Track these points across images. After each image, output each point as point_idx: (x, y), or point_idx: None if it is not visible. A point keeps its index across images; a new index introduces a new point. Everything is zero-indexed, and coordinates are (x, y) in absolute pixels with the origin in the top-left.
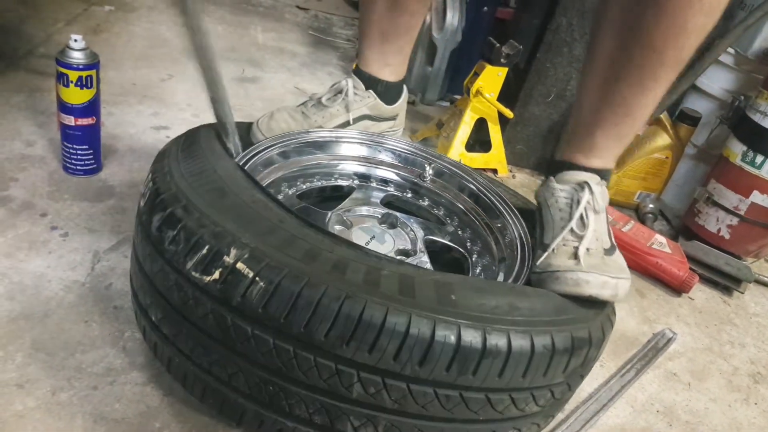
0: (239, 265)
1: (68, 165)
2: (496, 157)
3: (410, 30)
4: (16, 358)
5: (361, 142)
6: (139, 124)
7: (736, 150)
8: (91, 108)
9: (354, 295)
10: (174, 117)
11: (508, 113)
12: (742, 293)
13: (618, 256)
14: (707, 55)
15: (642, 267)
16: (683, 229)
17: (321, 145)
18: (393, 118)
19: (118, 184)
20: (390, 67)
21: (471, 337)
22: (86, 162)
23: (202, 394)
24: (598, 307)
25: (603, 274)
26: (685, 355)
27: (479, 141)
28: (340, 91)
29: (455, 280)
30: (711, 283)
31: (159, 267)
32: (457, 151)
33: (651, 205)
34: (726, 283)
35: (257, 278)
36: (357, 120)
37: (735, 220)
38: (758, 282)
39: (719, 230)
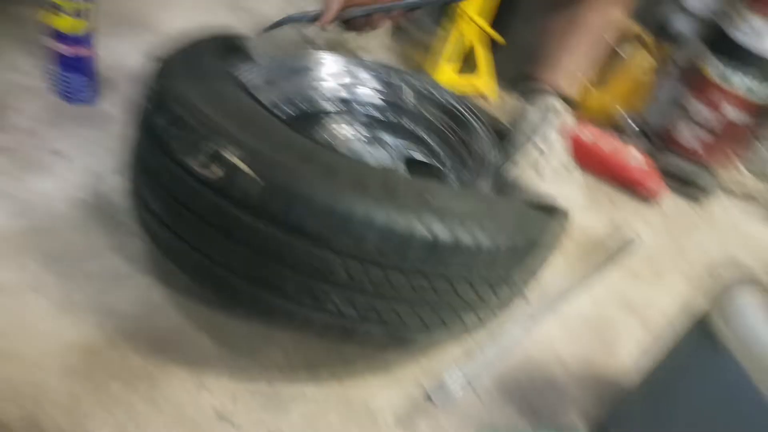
0: (238, 162)
1: (67, 94)
2: (483, 81)
3: None
4: (30, 266)
5: (344, 65)
6: (134, 55)
7: (713, 66)
8: (85, 37)
9: (342, 193)
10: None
11: (497, 37)
12: (708, 202)
13: (576, 173)
14: None
15: (614, 177)
16: (661, 144)
17: (301, 71)
18: None
19: (116, 111)
20: None
21: (443, 234)
22: (84, 91)
23: (198, 277)
24: (556, 215)
25: (559, 185)
26: (648, 255)
27: (469, 65)
28: None
29: (432, 185)
30: (680, 192)
31: (162, 163)
32: (444, 74)
33: (631, 122)
34: (694, 191)
35: (255, 175)
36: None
37: (706, 134)
38: (724, 192)
39: (692, 144)
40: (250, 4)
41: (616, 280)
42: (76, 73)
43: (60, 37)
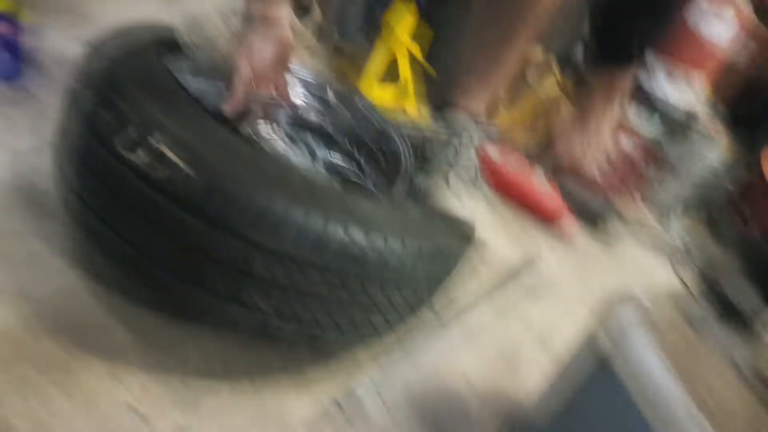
0: (164, 149)
1: None
2: (404, 94)
3: None
4: None
5: None
6: (63, 39)
7: None
8: (12, 17)
9: (264, 187)
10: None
11: (417, 53)
12: (606, 230)
13: (480, 185)
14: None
15: (520, 199)
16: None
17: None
18: (298, 33)
19: (44, 94)
20: None
21: (355, 234)
22: (5, 67)
23: (119, 263)
24: (461, 225)
25: (465, 196)
26: (547, 277)
27: (391, 77)
28: None
29: (353, 189)
30: (580, 218)
31: (88, 144)
32: (369, 84)
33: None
34: (593, 219)
35: (178, 162)
36: None
37: (605, 165)
38: (620, 221)
39: (592, 173)
40: None
41: (516, 297)
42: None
43: None
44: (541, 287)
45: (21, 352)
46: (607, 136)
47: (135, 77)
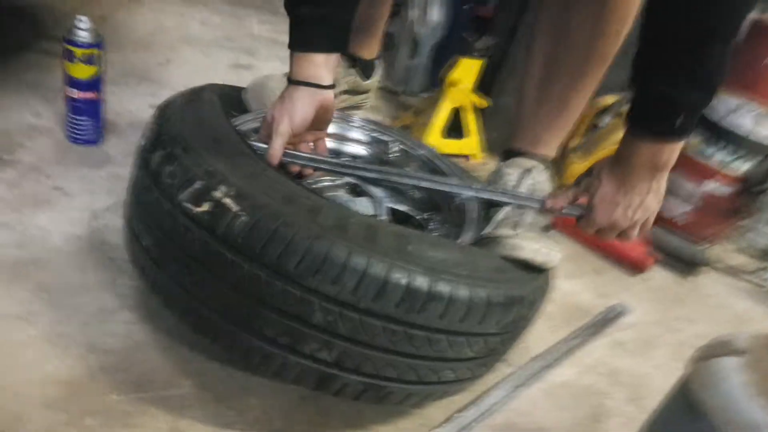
0: (226, 200)
1: (72, 135)
2: (469, 144)
3: (383, 16)
4: (21, 296)
5: (335, 120)
6: (137, 102)
7: (693, 143)
8: (94, 83)
9: (323, 235)
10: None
11: (483, 103)
12: (696, 276)
13: (554, 234)
14: None
15: (600, 247)
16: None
17: None
18: (366, 91)
19: (117, 154)
20: (366, 48)
21: (419, 282)
22: (89, 132)
23: (181, 313)
24: (534, 273)
25: (536, 243)
26: (635, 327)
27: (456, 129)
28: None
29: (413, 234)
30: (668, 265)
31: (155, 198)
32: (432, 136)
33: None
34: (682, 265)
35: (240, 213)
36: (338, 95)
37: (689, 207)
38: (712, 266)
39: (676, 216)
40: (251, 62)
41: (601, 349)
42: (83, 116)
43: (72, 82)
44: (628, 337)
45: (87, 404)
46: (651, 208)
47: (199, 134)
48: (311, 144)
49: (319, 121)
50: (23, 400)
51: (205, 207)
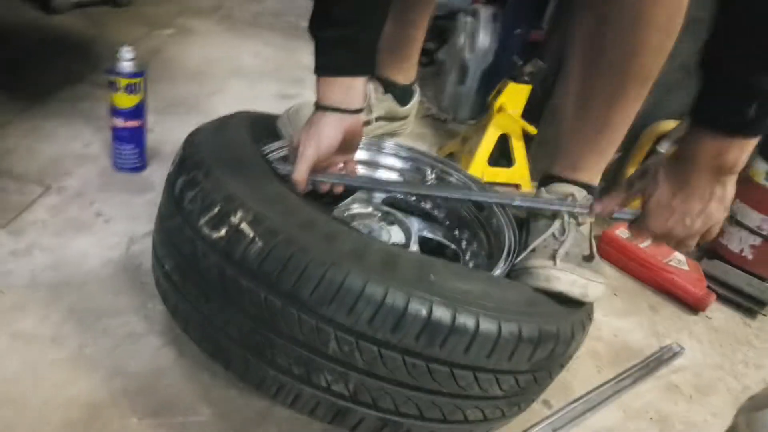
0: (243, 226)
1: (117, 162)
2: (518, 172)
3: (417, 39)
4: (53, 317)
5: (367, 147)
6: (183, 132)
7: (760, 169)
8: (138, 112)
9: (339, 263)
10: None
11: (532, 129)
12: (766, 315)
13: (596, 264)
14: None
15: (657, 283)
16: (707, 248)
17: None
18: (404, 117)
19: (159, 181)
20: (402, 72)
21: (441, 313)
22: (132, 160)
23: (200, 339)
24: (572, 307)
25: (573, 274)
26: (692, 369)
27: (505, 156)
28: None
29: (437, 263)
30: (732, 303)
31: (177, 223)
32: (479, 164)
33: None
34: (748, 304)
35: (257, 238)
36: (373, 121)
37: (758, 240)
38: None
39: (742, 250)
40: (299, 91)
41: (653, 393)
42: (127, 144)
43: (116, 111)
44: (683, 381)
45: (107, 427)
46: (714, 217)
47: (222, 159)
48: (341, 165)
49: (347, 146)
50: (45, 421)
51: (222, 232)
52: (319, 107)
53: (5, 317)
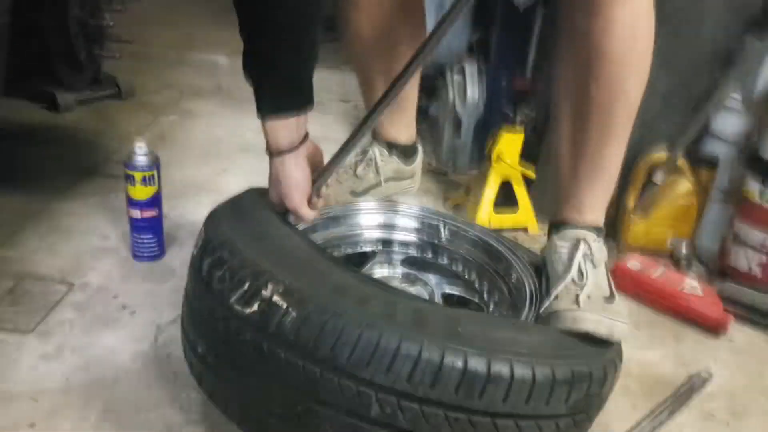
0: (275, 298)
1: (137, 252)
2: (524, 216)
3: (412, 97)
4: (90, 419)
5: (382, 210)
6: (198, 213)
7: (753, 189)
8: (154, 202)
9: (373, 324)
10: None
11: (530, 174)
12: None
13: (618, 304)
14: (710, 102)
15: (674, 311)
16: (718, 270)
17: (343, 218)
18: (412, 176)
19: (179, 266)
20: (403, 131)
21: (476, 363)
22: (151, 249)
23: (240, 418)
24: (601, 347)
25: (599, 315)
26: (723, 395)
27: (508, 202)
28: (370, 159)
29: (462, 314)
30: (751, 322)
31: (208, 304)
32: (485, 213)
33: (684, 251)
34: (766, 321)
35: (290, 309)
36: (383, 183)
37: (764, 258)
38: None
39: (750, 269)
40: None
41: (690, 424)
42: (146, 233)
43: (133, 203)
44: (717, 408)
45: None
46: None
47: (243, 235)
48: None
49: (315, 163)
50: None
51: (255, 307)
52: (276, 155)
53: (43, 425)
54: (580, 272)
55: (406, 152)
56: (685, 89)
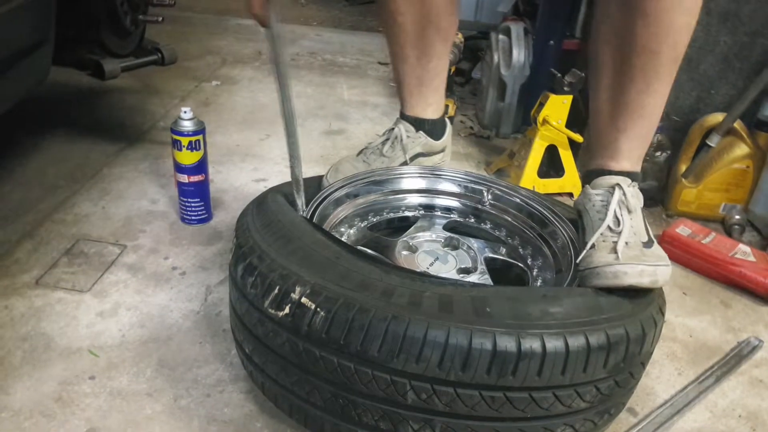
0: (303, 300)
1: (185, 216)
2: (570, 181)
3: (441, 71)
4: (146, 373)
5: (422, 176)
6: (242, 179)
7: None
8: (201, 167)
9: (399, 315)
10: (271, 170)
11: (577, 138)
12: None
13: (656, 248)
14: None
15: (725, 277)
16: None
17: (385, 183)
18: (442, 150)
19: (226, 229)
20: (431, 106)
21: (506, 342)
22: (199, 213)
23: (290, 411)
24: (639, 303)
25: (640, 263)
26: None
27: (553, 167)
28: (396, 138)
29: (490, 293)
30: None
31: (246, 308)
32: (529, 178)
33: (737, 216)
34: None
35: (318, 309)
36: (412, 158)
37: None
38: None
39: None
40: (343, 126)
41: (737, 389)
42: (193, 198)
43: (181, 168)
44: (764, 374)
45: None
46: None
47: (269, 239)
48: None
49: None
50: None
51: (287, 310)
52: None
53: (102, 378)
54: (616, 219)
55: (434, 127)
56: (748, 50)
